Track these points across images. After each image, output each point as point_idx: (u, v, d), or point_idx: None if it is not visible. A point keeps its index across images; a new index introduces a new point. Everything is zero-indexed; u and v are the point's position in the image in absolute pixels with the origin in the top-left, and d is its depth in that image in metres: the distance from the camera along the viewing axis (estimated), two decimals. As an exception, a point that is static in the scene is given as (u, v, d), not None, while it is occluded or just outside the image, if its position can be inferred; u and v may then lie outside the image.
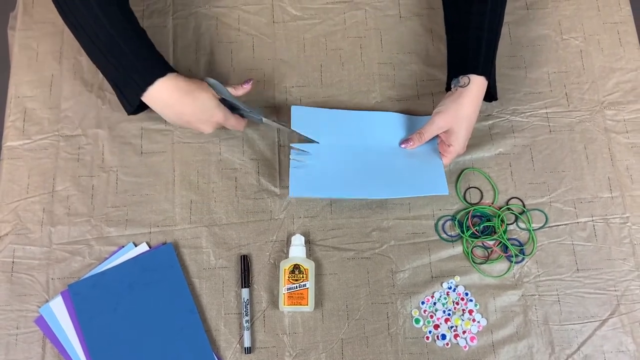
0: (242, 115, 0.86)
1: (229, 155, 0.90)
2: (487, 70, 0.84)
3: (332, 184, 0.84)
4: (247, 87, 0.86)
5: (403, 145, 0.87)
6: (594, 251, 0.86)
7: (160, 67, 0.79)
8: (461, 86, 0.82)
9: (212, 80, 0.82)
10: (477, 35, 0.84)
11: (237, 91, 0.85)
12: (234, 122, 0.84)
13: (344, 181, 0.84)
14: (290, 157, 0.85)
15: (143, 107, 0.81)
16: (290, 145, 0.86)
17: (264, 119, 0.85)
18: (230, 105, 0.83)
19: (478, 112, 0.84)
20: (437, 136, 0.87)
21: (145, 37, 0.81)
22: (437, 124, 0.84)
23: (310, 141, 0.87)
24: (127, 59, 0.77)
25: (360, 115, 0.90)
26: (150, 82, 0.77)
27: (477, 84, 0.82)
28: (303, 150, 0.85)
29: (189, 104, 0.79)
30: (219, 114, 0.81)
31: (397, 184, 0.84)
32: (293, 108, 0.89)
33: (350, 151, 0.87)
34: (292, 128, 0.86)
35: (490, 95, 0.86)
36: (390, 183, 0.84)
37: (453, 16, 0.89)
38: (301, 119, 0.88)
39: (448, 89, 0.87)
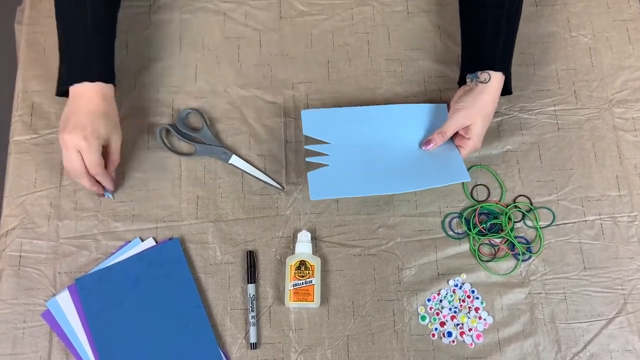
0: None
1: (236, 151, 0.90)
2: (505, 66, 0.83)
3: (352, 182, 0.83)
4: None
5: (424, 147, 0.85)
6: (602, 250, 0.86)
7: (100, 72, 0.81)
8: (481, 82, 0.82)
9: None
10: (495, 30, 0.83)
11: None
12: (86, 184, 0.81)
13: (363, 179, 0.83)
14: (306, 159, 0.84)
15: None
16: (305, 147, 0.86)
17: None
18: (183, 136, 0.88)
19: (493, 114, 0.84)
20: None
21: (110, 41, 0.84)
22: (459, 121, 0.83)
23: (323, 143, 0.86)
24: (79, 50, 0.81)
25: (371, 111, 0.89)
26: (79, 80, 0.79)
27: (497, 80, 0.82)
28: (317, 152, 0.85)
29: (79, 124, 0.78)
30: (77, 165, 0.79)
31: (418, 176, 0.83)
32: (303, 113, 0.87)
33: (365, 148, 0.86)
34: (303, 133, 0.85)
35: (506, 89, 0.85)
36: (410, 176, 0.83)
37: (469, 9, 0.88)
38: (312, 123, 0.86)
39: (462, 82, 0.86)
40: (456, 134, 0.85)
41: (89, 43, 0.82)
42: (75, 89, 0.80)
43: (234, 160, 0.88)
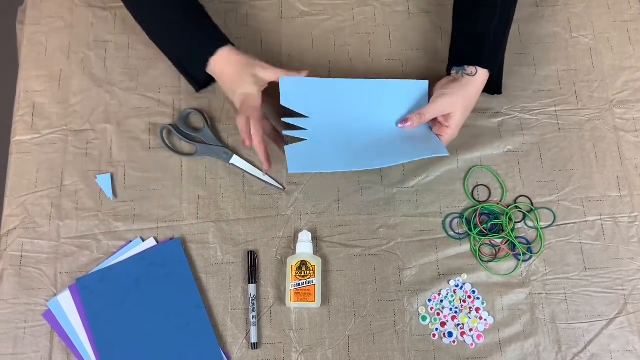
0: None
1: (237, 151, 0.90)
2: (492, 63, 0.84)
3: (331, 157, 0.81)
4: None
5: (400, 125, 0.83)
6: (602, 250, 0.86)
7: (219, 39, 0.84)
8: (468, 74, 0.82)
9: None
10: (485, 28, 0.84)
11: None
12: (244, 126, 0.82)
13: (342, 154, 0.81)
14: (284, 132, 0.82)
15: (208, 81, 0.86)
16: (282, 119, 0.83)
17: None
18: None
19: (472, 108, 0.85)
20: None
21: (204, 13, 0.86)
22: (440, 107, 0.82)
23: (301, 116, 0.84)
24: (188, 33, 0.84)
25: (351, 83, 0.86)
26: (212, 52, 0.82)
27: (482, 76, 0.83)
28: (295, 126, 0.82)
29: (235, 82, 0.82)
30: (252, 104, 0.82)
31: (396, 151, 0.82)
32: (282, 80, 0.82)
33: (345, 122, 0.84)
34: (281, 103, 0.82)
35: (497, 88, 0.86)
36: (389, 151, 0.82)
37: (462, 5, 0.88)
38: (291, 93, 0.83)
39: (448, 73, 0.86)
40: (435, 120, 0.85)
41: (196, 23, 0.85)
42: (214, 62, 0.83)
43: (235, 160, 0.88)
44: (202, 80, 0.89)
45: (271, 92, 0.83)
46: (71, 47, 0.94)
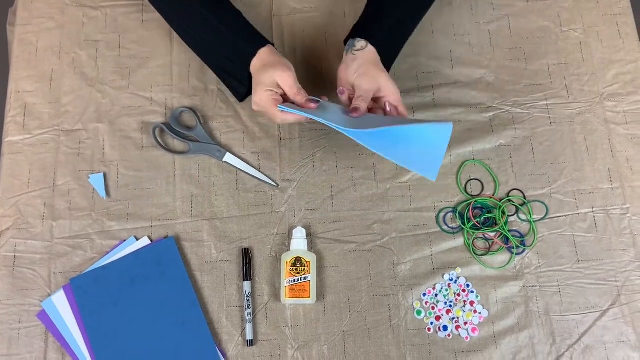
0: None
1: (230, 149, 0.90)
2: (374, 34, 0.81)
3: (329, 114, 0.77)
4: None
5: (354, 115, 0.76)
6: (595, 242, 0.86)
7: (260, 39, 0.82)
8: (357, 50, 0.81)
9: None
10: (379, 3, 0.83)
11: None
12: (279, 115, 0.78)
13: (342, 118, 0.76)
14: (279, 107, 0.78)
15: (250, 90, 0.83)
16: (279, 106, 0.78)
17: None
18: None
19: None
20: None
21: (240, 16, 0.86)
22: (365, 88, 0.78)
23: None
24: (229, 38, 0.82)
25: (362, 135, 0.75)
26: (253, 53, 0.81)
27: (373, 51, 0.80)
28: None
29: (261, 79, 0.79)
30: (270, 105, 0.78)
31: (395, 150, 0.75)
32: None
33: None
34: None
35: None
36: (388, 144, 0.75)
37: None
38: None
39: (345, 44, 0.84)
40: (379, 99, 0.80)
41: (235, 28, 0.84)
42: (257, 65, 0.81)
43: (228, 158, 0.88)
44: (247, 83, 0.84)
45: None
46: (62, 47, 0.94)
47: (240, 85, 0.86)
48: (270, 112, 0.79)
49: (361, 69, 0.79)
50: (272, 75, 0.78)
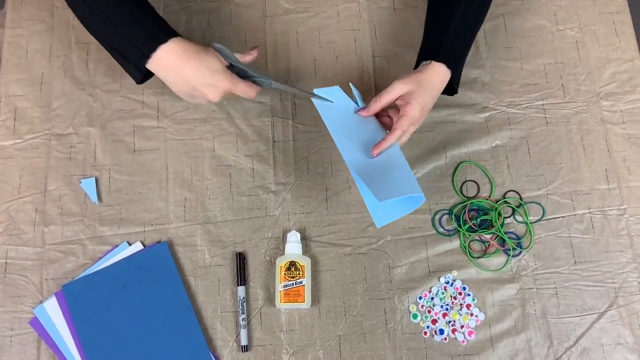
0: (253, 82, 0.80)
1: (223, 152, 0.89)
2: (448, 57, 0.80)
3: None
4: (254, 54, 0.81)
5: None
6: (592, 243, 0.85)
7: (162, 33, 0.76)
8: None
9: (218, 46, 0.78)
10: (445, 21, 0.81)
11: (245, 57, 0.81)
12: (243, 87, 0.77)
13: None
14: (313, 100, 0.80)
15: (151, 73, 0.78)
16: (312, 99, 0.80)
17: (273, 83, 0.80)
18: (238, 72, 0.79)
19: (437, 96, 0.81)
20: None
21: (146, 4, 0.78)
22: (395, 89, 0.78)
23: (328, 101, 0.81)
24: (127, 28, 0.75)
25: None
26: (152, 48, 0.75)
27: (437, 69, 0.79)
28: (325, 99, 0.81)
29: (194, 67, 0.75)
30: (226, 78, 0.76)
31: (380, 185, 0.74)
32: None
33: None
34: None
35: (452, 89, 0.83)
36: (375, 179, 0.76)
37: (433, 3, 0.86)
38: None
39: None
40: (396, 109, 0.80)
41: (134, 16, 0.76)
42: (156, 60, 0.75)
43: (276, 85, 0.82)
44: (142, 75, 0.80)
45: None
46: (52, 49, 0.93)
47: (137, 73, 0.79)
48: (238, 88, 0.77)
49: (404, 76, 0.79)
50: (212, 56, 0.76)
